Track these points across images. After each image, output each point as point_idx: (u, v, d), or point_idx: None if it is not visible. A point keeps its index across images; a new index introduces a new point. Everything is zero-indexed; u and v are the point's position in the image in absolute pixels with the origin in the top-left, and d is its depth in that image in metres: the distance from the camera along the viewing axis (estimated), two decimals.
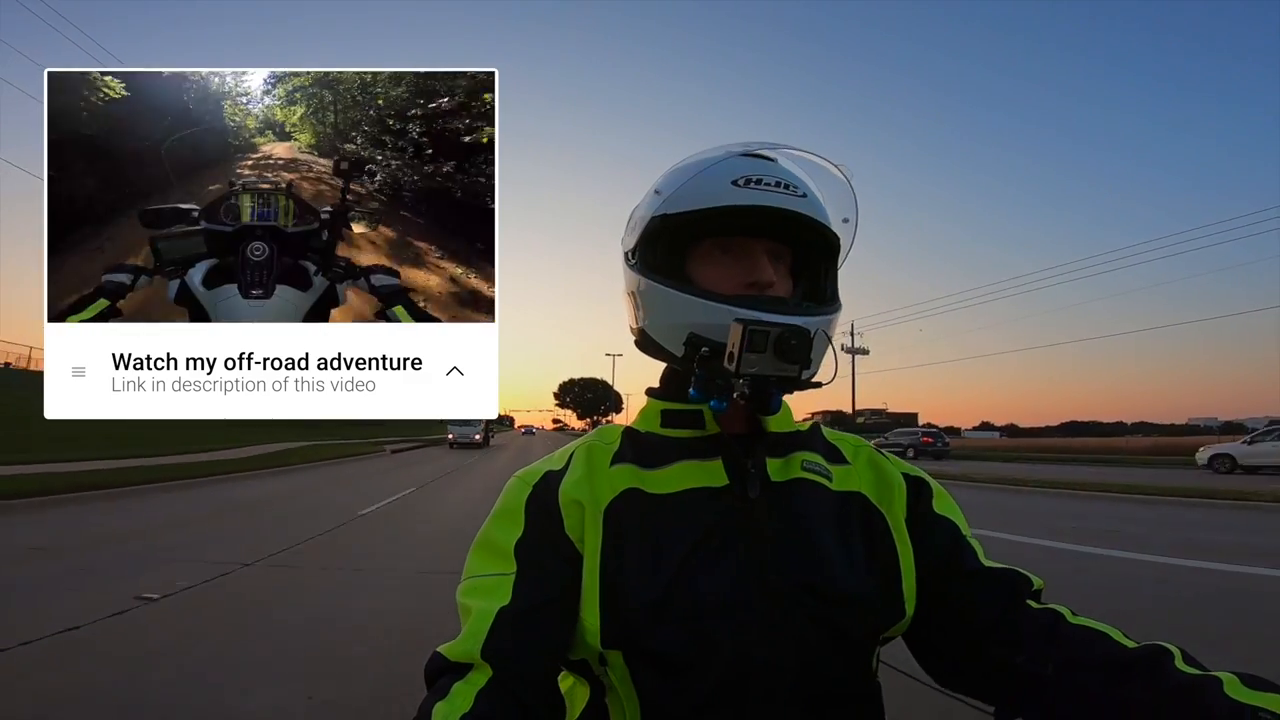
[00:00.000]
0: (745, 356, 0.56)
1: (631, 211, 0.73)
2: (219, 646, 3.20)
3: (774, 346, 0.56)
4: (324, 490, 10.83)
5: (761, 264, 0.64)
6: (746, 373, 0.56)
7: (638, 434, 0.69)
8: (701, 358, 0.61)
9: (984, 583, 0.63)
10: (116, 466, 11.19)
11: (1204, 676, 0.48)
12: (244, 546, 5.58)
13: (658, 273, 0.66)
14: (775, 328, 0.56)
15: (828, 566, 0.59)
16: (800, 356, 0.57)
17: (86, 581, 4.32)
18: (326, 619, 3.70)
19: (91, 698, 2.57)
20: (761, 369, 0.56)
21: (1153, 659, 0.51)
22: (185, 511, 7.82)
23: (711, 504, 0.61)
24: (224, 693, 2.66)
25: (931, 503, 0.68)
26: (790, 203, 0.63)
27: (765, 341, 0.56)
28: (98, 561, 4.91)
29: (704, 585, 0.58)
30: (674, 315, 0.64)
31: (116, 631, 3.36)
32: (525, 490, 0.65)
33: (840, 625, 0.59)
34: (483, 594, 0.59)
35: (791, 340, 0.56)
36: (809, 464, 0.66)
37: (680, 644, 0.57)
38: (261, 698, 2.61)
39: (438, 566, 5.03)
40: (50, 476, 9.12)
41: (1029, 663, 0.56)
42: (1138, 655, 0.52)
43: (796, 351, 0.56)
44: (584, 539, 0.61)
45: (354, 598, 4.17)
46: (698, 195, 0.64)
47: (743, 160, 0.65)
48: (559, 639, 0.59)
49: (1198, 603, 4.19)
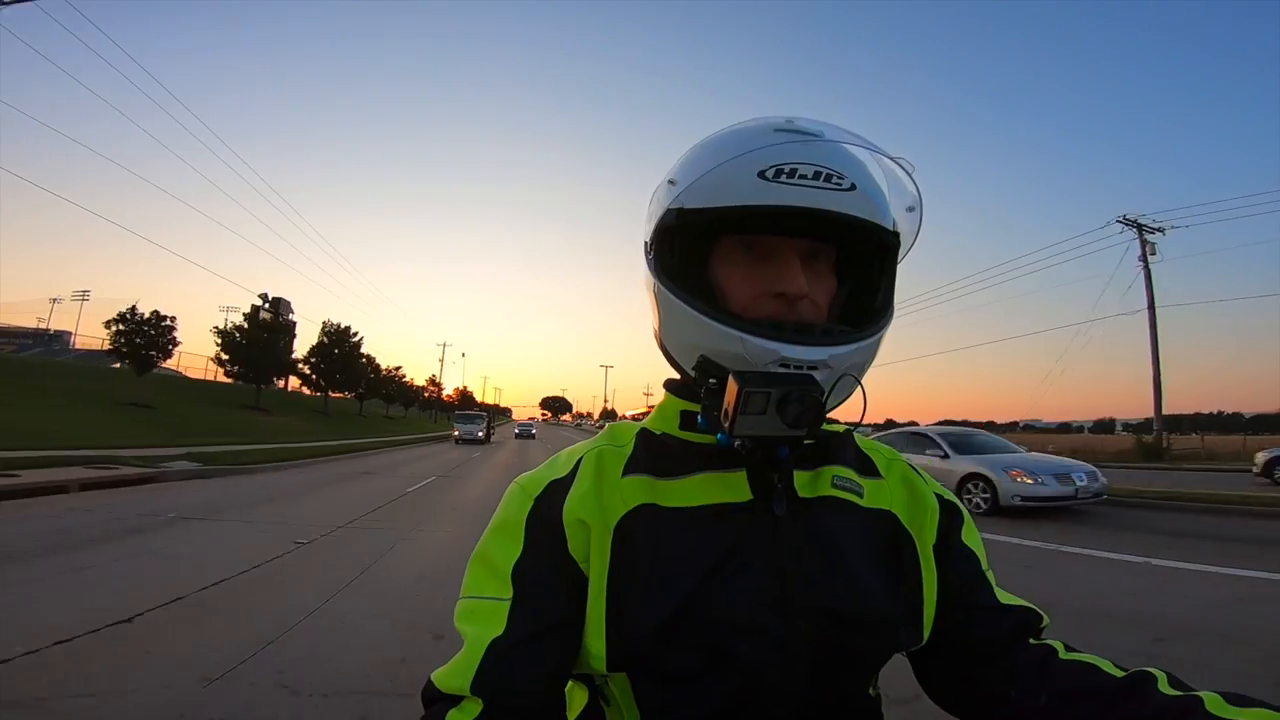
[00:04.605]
0: (740, 419, 0.49)
1: (651, 196, 0.64)
2: (356, 566, 4.66)
3: (776, 408, 0.49)
4: (402, 467, 14.26)
5: (792, 271, 0.55)
6: (744, 434, 0.50)
7: (653, 436, 0.63)
8: (708, 390, 0.55)
9: (998, 620, 0.61)
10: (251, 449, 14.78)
11: (1187, 697, 0.48)
12: (364, 503, 8.37)
13: (673, 277, 0.58)
14: (778, 388, 0.49)
15: (853, 591, 0.56)
16: (807, 422, 0.49)
17: (263, 532, 6.03)
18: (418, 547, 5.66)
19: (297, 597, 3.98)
20: (761, 430, 0.49)
21: (1138, 685, 0.51)
22: (318, 479, 11.24)
23: (733, 521, 0.56)
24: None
25: (961, 532, 0.65)
26: (830, 200, 0.53)
27: (765, 403, 0.48)
28: (265, 515, 7.10)
29: (720, 607, 0.54)
30: (686, 332, 0.57)
31: (295, 560, 4.86)
32: (526, 505, 0.59)
33: (858, 649, 0.56)
34: (478, 619, 0.55)
35: (797, 405, 0.48)
36: (840, 480, 0.61)
37: (689, 664, 0.54)
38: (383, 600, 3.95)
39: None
40: (253, 452, 12.65)
41: (1022, 695, 0.56)
42: (1124, 683, 0.52)
43: (803, 417, 0.49)
44: (589, 560, 0.56)
45: (432, 534, 6.58)
46: (718, 189, 0.55)
47: (776, 144, 0.54)
48: (558, 666, 0.55)
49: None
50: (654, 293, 0.61)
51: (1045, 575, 4.83)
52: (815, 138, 0.56)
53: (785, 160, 0.53)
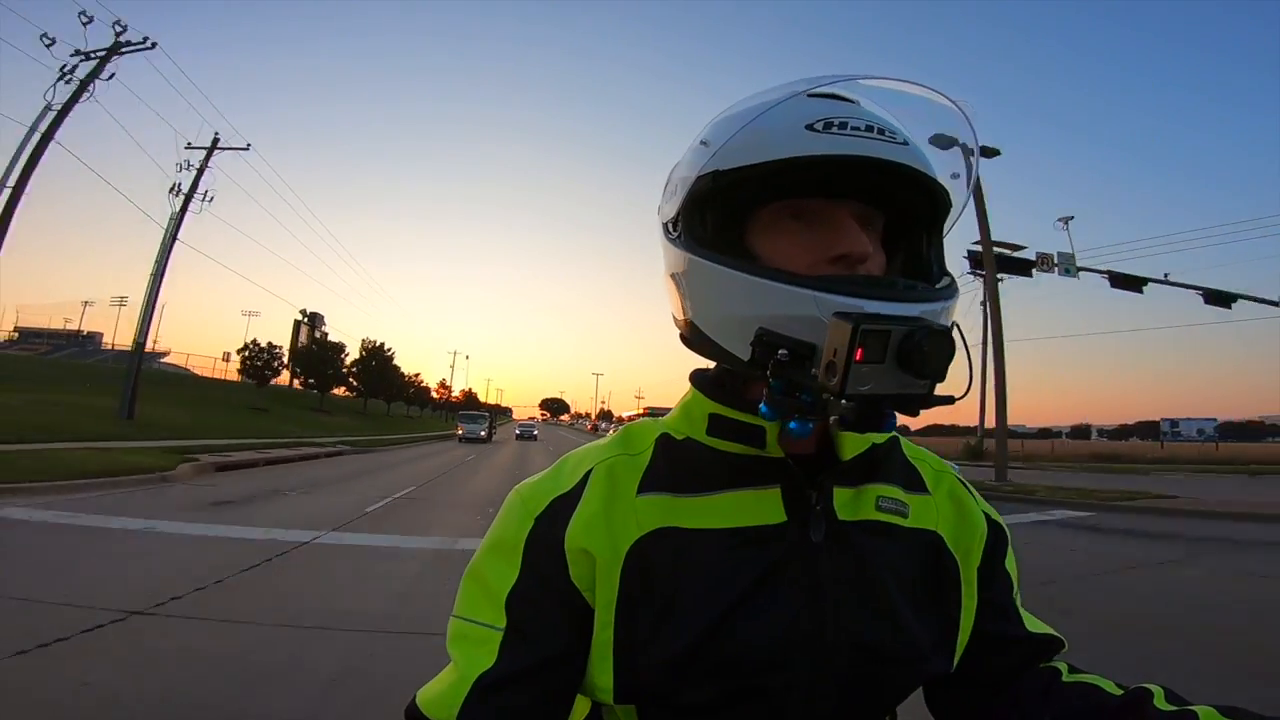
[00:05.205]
0: (855, 370, 0.40)
1: (669, 174, 0.58)
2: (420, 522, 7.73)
3: (897, 353, 0.40)
4: (435, 456, 22.99)
5: (852, 232, 0.49)
6: (856, 392, 0.40)
7: (675, 442, 0.57)
8: (778, 363, 0.45)
9: (1020, 649, 0.60)
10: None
11: (1182, 712, 0.48)
12: (455, 458, 17.91)
13: (710, 248, 0.51)
14: (899, 325, 0.41)
15: (893, 626, 0.52)
16: (936, 367, 0.41)
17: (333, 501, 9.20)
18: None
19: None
20: (878, 385, 0.40)
21: (1134, 702, 0.51)
22: (417, 454, 20.16)
23: (764, 546, 0.51)
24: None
25: (1005, 557, 0.62)
26: (890, 151, 0.47)
27: (884, 347, 0.40)
28: (346, 488, 11.64)
29: (744, 641, 0.49)
30: (735, 304, 0.49)
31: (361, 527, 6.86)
32: (526, 524, 0.54)
33: (890, 683, 0.53)
34: (467, 646, 0.52)
35: (924, 345, 0.40)
36: (885, 501, 0.56)
37: (705, 699, 0.50)
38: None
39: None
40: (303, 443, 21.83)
41: (1024, 719, 0.56)
42: (1121, 702, 0.52)
43: (931, 360, 0.40)
44: (594, 589, 0.51)
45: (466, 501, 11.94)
46: (761, 145, 0.48)
47: (816, 100, 0.49)
48: (551, 704, 0.51)
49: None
50: (683, 273, 0.53)
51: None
52: (854, 103, 0.50)
53: (833, 114, 0.47)
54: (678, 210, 0.54)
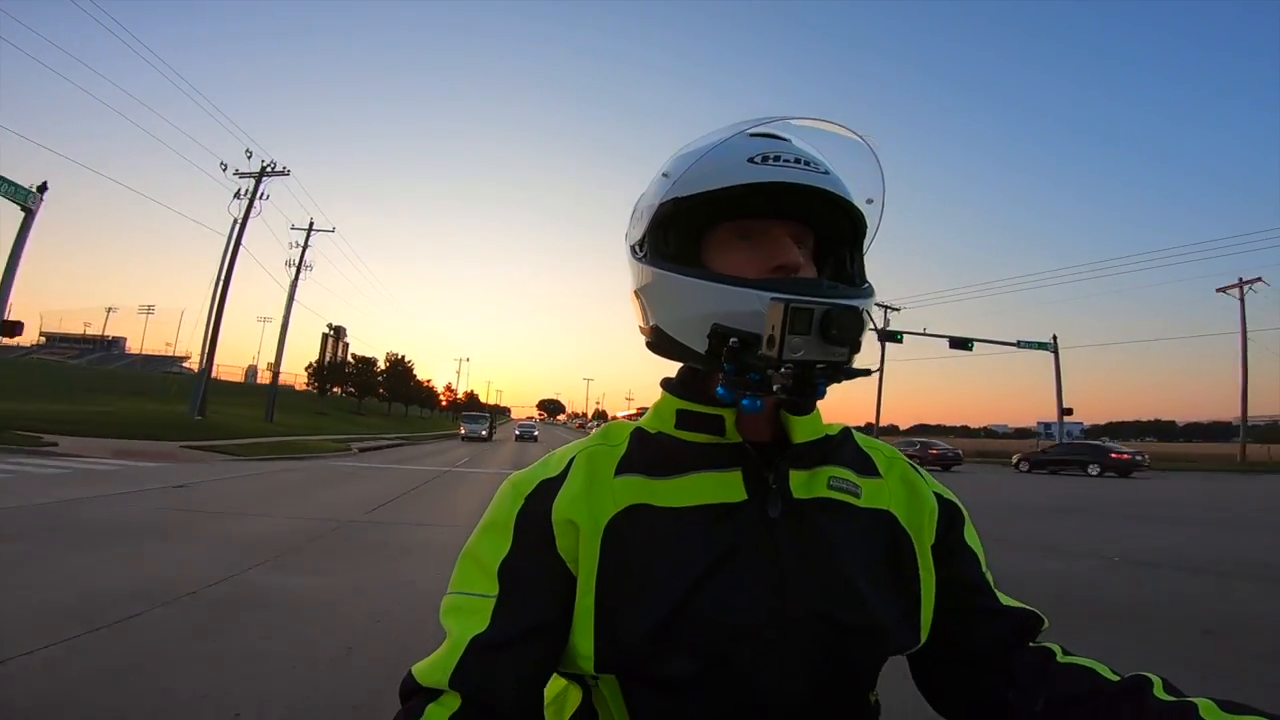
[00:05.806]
0: (789, 339, 0.49)
1: (635, 203, 0.68)
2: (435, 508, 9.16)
3: (819, 326, 0.49)
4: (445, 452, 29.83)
5: (786, 246, 0.59)
6: (790, 358, 0.49)
7: (648, 435, 0.64)
8: (731, 350, 0.54)
9: (999, 623, 0.62)
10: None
11: (1181, 703, 0.49)
12: (484, 446, 27.10)
13: (673, 261, 0.60)
14: (820, 304, 0.50)
15: (849, 595, 0.56)
16: (850, 336, 0.50)
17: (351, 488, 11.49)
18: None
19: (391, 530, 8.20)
20: (808, 352, 0.49)
21: (1134, 689, 0.52)
22: (445, 446, 29.11)
23: (727, 522, 0.57)
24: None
25: (962, 532, 0.66)
26: (814, 179, 0.58)
27: (809, 321, 0.49)
28: (387, 473, 17.35)
29: (713, 611, 0.54)
30: (694, 306, 0.57)
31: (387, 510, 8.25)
32: (517, 503, 0.60)
33: (855, 654, 0.57)
34: (462, 615, 0.56)
35: (840, 318, 0.49)
36: (836, 480, 0.62)
37: (681, 670, 0.54)
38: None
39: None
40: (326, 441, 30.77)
41: (1019, 698, 0.57)
42: (1120, 687, 0.53)
43: (846, 331, 0.49)
44: (578, 560, 0.57)
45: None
46: (712, 175, 0.58)
47: (755, 139, 0.60)
48: (540, 665, 0.56)
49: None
50: (647, 288, 0.62)
51: None
52: (787, 141, 0.60)
53: (770, 149, 0.58)
54: (644, 233, 0.63)
